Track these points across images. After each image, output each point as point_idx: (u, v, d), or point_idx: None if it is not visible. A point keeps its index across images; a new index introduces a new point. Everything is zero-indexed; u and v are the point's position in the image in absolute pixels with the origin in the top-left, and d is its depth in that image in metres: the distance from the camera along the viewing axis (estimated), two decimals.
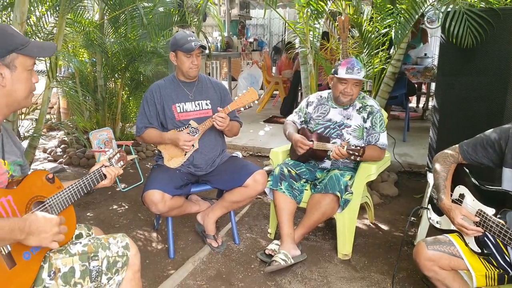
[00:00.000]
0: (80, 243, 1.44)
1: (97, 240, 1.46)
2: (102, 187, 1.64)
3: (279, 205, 2.50)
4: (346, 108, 2.60)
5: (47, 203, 1.39)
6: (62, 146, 4.83)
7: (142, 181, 3.70)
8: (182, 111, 2.51)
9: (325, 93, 2.73)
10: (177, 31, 4.81)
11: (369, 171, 2.52)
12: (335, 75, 2.49)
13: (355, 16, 3.44)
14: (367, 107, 2.59)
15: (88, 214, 3.14)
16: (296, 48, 4.15)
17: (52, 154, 4.63)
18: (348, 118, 2.58)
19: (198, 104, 2.54)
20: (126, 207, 3.28)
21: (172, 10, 4.61)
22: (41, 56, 1.42)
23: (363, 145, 2.29)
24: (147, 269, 2.38)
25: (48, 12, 3.71)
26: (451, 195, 1.79)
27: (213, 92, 2.59)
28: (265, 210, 3.25)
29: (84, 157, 4.36)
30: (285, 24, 10.54)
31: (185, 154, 2.50)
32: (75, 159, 4.36)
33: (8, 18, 3.42)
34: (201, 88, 2.57)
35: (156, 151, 4.64)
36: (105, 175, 1.61)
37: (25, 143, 3.54)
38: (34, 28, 3.51)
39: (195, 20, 4.70)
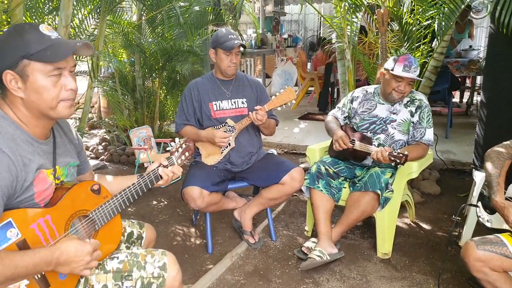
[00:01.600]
0: (117, 258, 1.37)
1: (134, 257, 1.38)
2: (157, 186, 1.53)
3: (316, 203, 2.47)
4: (393, 104, 2.52)
5: (90, 217, 1.32)
6: (103, 143, 4.99)
7: (180, 177, 3.79)
8: (218, 109, 2.52)
9: (371, 88, 2.66)
10: (212, 30, 4.86)
11: (411, 168, 2.44)
12: (390, 71, 2.39)
13: (394, 8, 3.33)
14: (415, 101, 2.50)
15: (129, 209, 3.23)
16: (332, 43, 4.07)
17: (94, 151, 4.80)
18: (394, 113, 2.51)
19: (235, 102, 2.55)
20: (165, 202, 3.35)
21: (207, 8, 4.66)
22: (57, 60, 1.14)
23: (406, 152, 2.21)
24: (186, 264, 2.42)
25: (90, 15, 3.85)
26: (505, 192, 1.70)
27: (250, 91, 2.59)
28: (301, 208, 3.23)
29: (124, 154, 4.49)
30: (321, 19, 10.42)
31: (222, 152, 2.52)
32: (115, 156, 4.50)
33: (54, 22, 3.56)
34: (238, 86, 2.57)
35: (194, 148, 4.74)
36: (161, 176, 1.49)
37: None
38: (77, 30, 3.65)
39: (231, 18, 4.73)
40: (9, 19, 2.89)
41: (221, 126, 2.51)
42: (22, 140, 1.17)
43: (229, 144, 2.49)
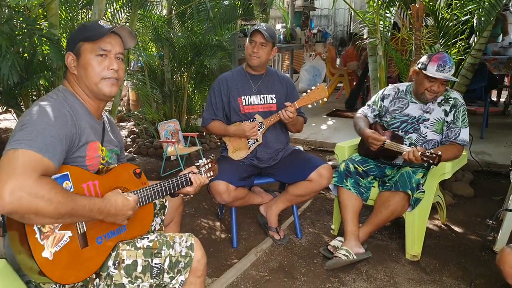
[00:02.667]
0: (148, 238, 1.45)
1: (163, 237, 1.46)
2: (185, 193, 1.66)
3: (344, 202, 2.42)
4: (426, 103, 2.43)
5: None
6: (132, 136, 5.08)
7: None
8: (247, 104, 2.51)
9: (403, 86, 2.57)
10: (241, 24, 4.86)
11: (444, 169, 2.35)
12: (423, 71, 2.30)
13: (431, 3, 3.22)
14: (450, 99, 2.41)
15: (156, 202, 3.27)
16: (364, 39, 3.98)
17: None
18: (427, 112, 2.42)
19: (263, 97, 2.53)
20: (191, 196, 3.38)
21: (237, 3, 4.65)
22: (97, 37, 1.35)
23: (439, 153, 2.13)
24: (211, 257, 2.43)
25: (121, 9, 3.91)
26: None
27: (280, 87, 2.56)
28: (327, 206, 3.18)
29: (152, 147, 4.55)
30: (351, 14, 10.23)
31: (249, 147, 2.50)
32: (143, 148, 4.57)
33: (87, 16, 3.63)
34: (268, 82, 2.55)
35: (219, 143, 4.76)
36: (191, 182, 1.62)
37: None
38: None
39: (260, 12, 4.70)
40: (45, 13, 2.97)
41: (249, 121, 2.49)
42: (80, 110, 1.38)
43: (257, 140, 2.48)
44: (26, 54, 2.58)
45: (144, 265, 1.38)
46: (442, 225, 2.87)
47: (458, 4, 3.18)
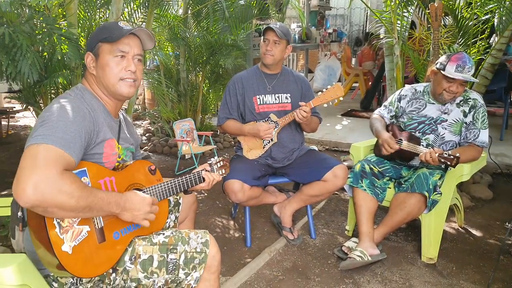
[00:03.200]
0: (163, 234, 1.46)
1: (179, 233, 1.46)
2: (198, 190, 1.70)
3: (359, 202, 2.40)
4: (444, 103, 2.39)
5: (144, 192, 1.45)
6: (147, 134, 5.13)
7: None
8: (262, 103, 2.51)
9: (420, 87, 2.53)
10: (256, 24, 4.86)
11: (462, 171, 2.31)
12: (441, 71, 2.26)
13: (450, 2, 3.16)
14: (469, 100, 2.36)
15: (170, 199, 3.29)
16: (380, 38, 3.94)
17: None
18: (445, 113, 2.38)
19: (278, 97, 2.52)
20: (206, 194, 3.39)
21: (252, 3, 4.65)
22: (115, 39, 1.37)
23: (457, 154, 2.10)
24: (225, 255, 2.43)
25: (138, 8, 3.95)
26: None
27: (295, 86, 2.55)
28: (342, 206, 3.16)
29: (167, 145, 4.59)
30: (367, 14, 10.14)
31: (264, 147, 2.50)
32: (158, 147, 4.61)
33: (105, 15, 3.68)
34: (282, 81, 2.54)
35: (233, 142, 4.77)
36: (204, 178, 1.66)
37: None
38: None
39: (275, 12, 4.69)
40: (64, 13, 3.02)
41: (263, 121, 2.49)
42: (98, 108, 1.40)
43: (271, 139, 2.47)
44: (45, 53, 2.62)
45: (160, 261, 1.39)
46: (460, 228, 2.82)
47: (478, 3, 3.12)
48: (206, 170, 1.68)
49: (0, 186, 3.22)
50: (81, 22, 3.28)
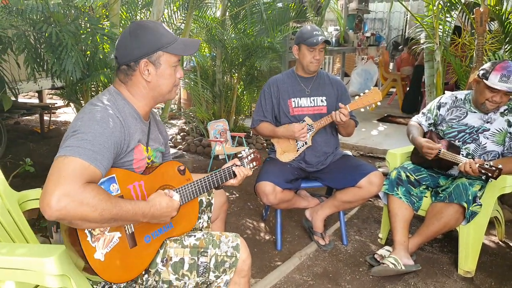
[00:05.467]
0: (195, 236, 1.47)
1: (210, 236, 1.47)
2: (230, 185, 1.67)
3: (394, 211, 2.35)
4: (487, 113, 2.30)
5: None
6: (182, 134, 5.22)
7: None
8: (297, 106, 2.50)
9: (461, 94, 2.44)
10: (293, 27, 4.84)
11: (505, 183, 2.20)
12: (484, 80, 2.17)
13: (496, 7, 3.04)
14: None
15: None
16: (421, 43, 3.83)
17: (172, 140, 5.04)
18: (488, 122, 2.29)
19: (313, 100, 2.51)
20: (237, 195, 3.41)
21: (290, 5, 4.64)
22: (186, 54, 1.43)
23: (500, 166, 2.01)
24: (255, 257, 2.43)
25: (178, 10, 4.04)
26: None
27: (331, 89, 2.53)
28: (375, 214, 3.09)
29: (201, 145, 4.65)
30: (407, 18, 9.90)
31: (298, 150, 2.49)
32: (192, 146, 4.69)
33: (146, 16, 3.79)
34: (318, 84, 2.52)
35: (265, 144, 4.78)
36: (234, 174, 1.64)
37: None
38: (166, 24, 3.84)
39: (313, 15, 4.66)
40: (107, 13, 3.13)
41: (298, 124, 2.47)
42: (130, 114, 1.38)
43: (306, 142, 2.46)
44: (88, 52, 2.73)
45: (190, 263, 1.40)
46: (500, 242, 2.70)
47: None
48: (236, 165, 1.66)
49: (41, 179, 3.37)
50: (122, 22, 3.39)
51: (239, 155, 1.72)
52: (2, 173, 1.63)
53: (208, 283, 1.43)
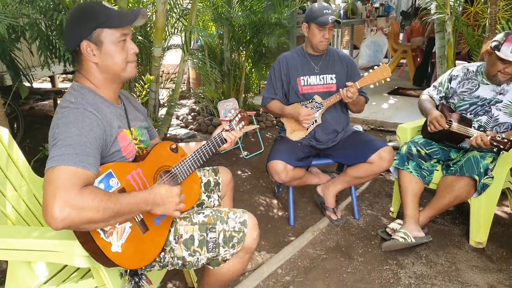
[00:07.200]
0: (203, 213, 1.51)
1: (218, 212, 1.51)
2: (224, 150, 1.71)
3: (404, 185, 2.37)
4: (499, 84, 2.28)
5: (173, 172, 1.50)
6: (192, 114, 5.26)
7: (262, 149, 3.88)
8: (306, 84, 2.50)
9: (473, 66, 2.41)
10: (300, 1, 4.77)
11: None
12: (496, 52, 2.13)
13: None
14: None
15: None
16: (431, 14, 3.75)
17: (183, 121, 5.09)
18: (501, 93, 2.27)
19: (323, 78, 2.51)
20: (249, 173, 3.47)
21: None
22: (124, 25, 1.33)
23: (511, 138, 2.01)
24: (269, 233, 2.51)
25: None
26: None
27: (340, 66, 2.52)
28: (387, 188, 3.13)
29: (211, 124, 4.69)
30: None
31: (308, 128, 2.51)
32: (203, 126, 4.73)
33: None
34: (328, 62, 2.51)
35: (275, 122, 4.80)
36: (225, 139, 1.65)
37: (163, 111, 3.95)
38: (172, 5, 3.81)
39: None
40: None
41: (308, 102, 2.49)
42: (102, 103, 1.35)
43: (315, 120, 2.47)
44: None
45: (200, 240, 1.45)
46: None
47: None
48: (225, 130, 1.67)
49: None
50: (129, 5, 3.38)
51: (226, 118, 1.72)
52: (25, 160, 1.70)
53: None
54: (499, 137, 2.03)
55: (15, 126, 4.01)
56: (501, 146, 2.02)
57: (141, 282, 1.39)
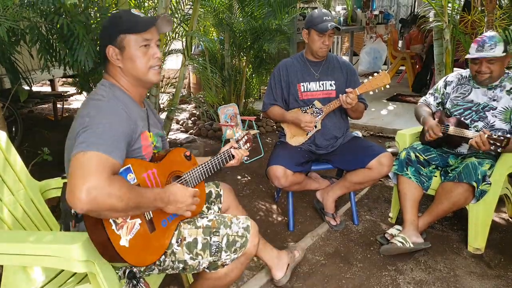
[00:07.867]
0: (207, 217, 1.55)
1: (221, 217, 1.55)
2: (229, 166, 1.80)
3: (403, 190, 2.39)
4: (491, 89, 2.33)
5: (184, 178, 1.55)
6: (193, 118, 5.28)
7: (262, 154, 3.89)
8: (306, 90, 2.52)
9: (466, 72, 2.48)
10: (300, 8, 4.81)
11: None
12: (468, 56, 2.31)
13: None
14: None
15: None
16: (430, 22, 3.78)
17: (184, 125, 5.10)
18: (494, 100, 2.32)
19: (323, 84, 2.53)
20: (249, 178, 3.48)
21: None
22: (141, 30, 1.39)
23: (508, 135, 2.03)
24: (268, 238, 2.48)
25: None
26: None
27: (340, 73, 2.54)
28: (386, 194, 3.14)
29: (212, 129, 4.71)
30: None
31: (307, 134, 2.52)
32: (203, 131, 4.75)
33: (154, 2, 3.79)
34: (328, 68, 2.53)
35: (275, 127, 4.82)
36: (233, 156, 1.76)
37: (163, 115, 3.97)
38: (174, 11, 3.84)
39: None
40: (116, 1, 3.15)
41: (307, 108, 2.51)
42: (129, 102, 1.43)
43: (315, 126, 2.49)
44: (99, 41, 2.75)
45: (203, 243, 1.47)
46: (510, 219, 2.73)
47: None
48: (234, 148, 1.78)
49: (58, 167, 3.46)
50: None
51: (234, 138, 1.86)
52: (23, 164, 1.70)
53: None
54: (495, 135, 2.08)
55: (13, 129, 4.02)
56: (498, 144, 2.06)
57: (139, 285, 1.39)
